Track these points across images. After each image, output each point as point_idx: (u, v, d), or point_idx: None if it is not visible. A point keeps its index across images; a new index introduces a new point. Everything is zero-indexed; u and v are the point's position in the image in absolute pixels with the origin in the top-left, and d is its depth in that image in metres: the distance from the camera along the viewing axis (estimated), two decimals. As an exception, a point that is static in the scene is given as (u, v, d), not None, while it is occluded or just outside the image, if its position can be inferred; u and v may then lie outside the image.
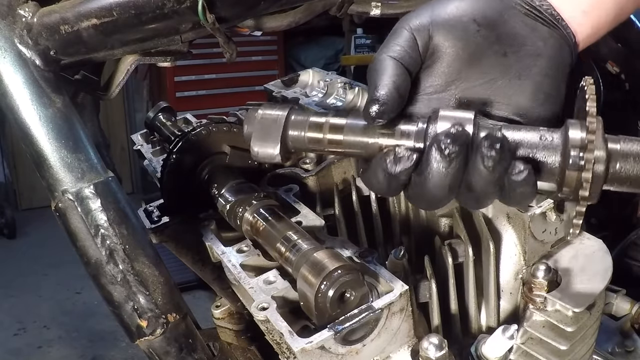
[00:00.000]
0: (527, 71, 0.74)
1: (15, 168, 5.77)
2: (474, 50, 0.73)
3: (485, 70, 0.74)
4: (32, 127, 0.76)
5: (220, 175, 1.05)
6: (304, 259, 0.78)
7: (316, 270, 0.74)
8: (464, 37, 0.73)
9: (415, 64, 0.72)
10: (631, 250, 1.41)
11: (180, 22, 0.74)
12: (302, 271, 0.76)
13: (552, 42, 0.75)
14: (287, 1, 0.84)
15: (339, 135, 0.71)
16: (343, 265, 0.74)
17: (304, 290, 0.75)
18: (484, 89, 0.74)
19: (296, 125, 0.72)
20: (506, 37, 0.74)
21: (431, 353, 0.78)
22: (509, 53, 0.74)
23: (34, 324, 4.08)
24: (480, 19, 0.72)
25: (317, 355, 0.73)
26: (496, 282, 0.94)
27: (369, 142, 0.69)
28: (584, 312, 0.89)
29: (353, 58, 6.26)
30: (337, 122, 0.71)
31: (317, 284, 0.73)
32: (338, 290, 0.73)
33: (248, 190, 1.00)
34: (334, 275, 0.73)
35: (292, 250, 0.82)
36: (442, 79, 0.74)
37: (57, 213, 0.77)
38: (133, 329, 0.77)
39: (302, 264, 0.77)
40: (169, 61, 0.88)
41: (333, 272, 0.73)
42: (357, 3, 0.96)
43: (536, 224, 0.92)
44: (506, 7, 0.74)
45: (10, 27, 0.77)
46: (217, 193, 1.02)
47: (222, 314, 1.33)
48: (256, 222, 0.91)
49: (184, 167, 1.06)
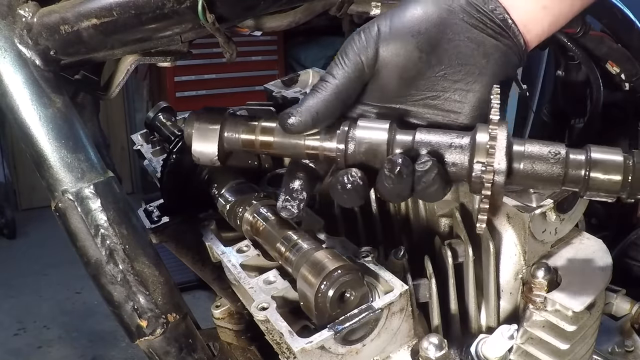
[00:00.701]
0: (468, 87, 0.78)
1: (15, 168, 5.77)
2: (415, 73, 0.78)
3: (425, 88, 0.79)
4: (32, 127, 0.76)
5: (220, 175, 1.04)
6: (304, 259, 0.78)
7: (316, 270, 0.74)
8: (406, 61, 0.77)
9: (354, 83, 0.77)
10: (631, 250, 1.41)
11: (180, 22, 0.74)
12: (302, 271, 0.76)
13: (497, 55, 0.78)
14: (287, 1, 0.84)
15: (269, 137, 0.79)
16: (343, 265, 0.74)
17: (304, 290, 0.75)
18: (425, 103, 0.79)
19: (231, 128, 0.80)
20: (448, 60, 0.77)
21: (431, 353, 0.78)
22: (448, 74, 0.78)
23: (34, 324, 4.08)
24: (423, 43, 0.76)
25: (317, 355, 0.73)
26: (496, 282, 0.94)
27: (296, 143, 0.77)
28: (584, 312, 0.89)
29: (353, 58, 6.24)
30: (268, 125, 0.79)
31: (317, 284, 0.73)
32: (338, 290, 0.73)
33: (248, 190, 0.99)
34: (334, 275, 0.73)
35: (292, 250, 0.82)
36: (383, 93, 0.79)
37: (57, 213, 0.77)
38: (133, 329, 0.77)
39: (302, 264, 0.77)
40: (169, 61, 0.88)
41: (333, 272, 0.73)
42: (357, 3, 0.96)
43: (536, 224, 0.92)
44: (452, 21, 0.76)
45: (10, 27, 0.77)
46: (217, 193, 1.01)
47: (222, 314, 1.33)
48: (256, 222, 0.91)
49: (184, 167, 1.06)
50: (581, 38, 1.21)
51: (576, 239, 1.01)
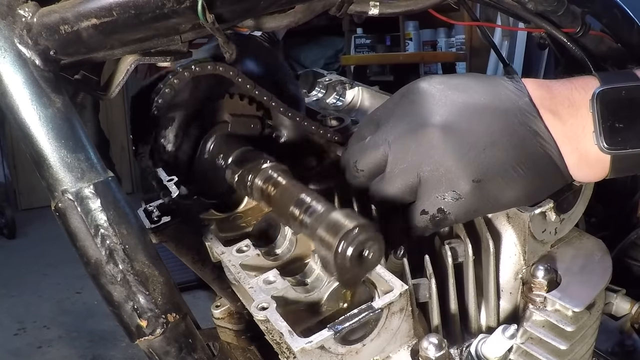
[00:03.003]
0: None
1: (15, 168, 5.77)
2: None
3: None
4: (32, 127, 0.76)
5: (224, 145, 1.01)
6: (319, 221, 0.77)
7: (333, 230, 0.73)
8: None
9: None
10: (631, 250, 1.41)
11: (180, 22, 0.74)
12: (319, 233, 0.75)
13: None
14: (287, 1, 0.84)
15: None
16: (360, 224, 0.73)
17: (323, 252, 0.75)
18: None
19: None
20: None
21: (431, 353, 0.78)
22: None
23: (34, 324, 4.08)
24: None
25: (317, 355, 0.73)
26: (496, 281, 0.94)
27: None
28: (584, 311, 0.89)
29: (353, 58, 6.26)
30: None
31: (335, 245, 0.72)
32: (357, 249, 0.72)
33: (255, 157, 0.96)
34: (352, 235, 0.72)
35: (306, 213, 0.80)
36: None
37: (56, 213, 0.77)
38: (133, 328, 0.77)
39: (318, 226, 0.76)
40: (169, 61, 0.88)
41: (350, 231, 0.72)
42: (355, 2, 0.96)
43: (536, 224, 0.92)
44: None
45: (10, 27, 0.77)
46: (223, 164, 0.98)
47: (222, 314, 1.33)
48: (267, 188, 0.88)
49: None
50: (581, 38, 1.20)
51: (576, 239, 1.01)
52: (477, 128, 0.79)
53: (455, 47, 6.33)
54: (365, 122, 0.92)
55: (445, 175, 0.79)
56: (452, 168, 0.79)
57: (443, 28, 6.36)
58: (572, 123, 0.80)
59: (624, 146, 0.78)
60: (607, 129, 0.78)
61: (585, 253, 0.99)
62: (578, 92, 0.82)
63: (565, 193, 0.92)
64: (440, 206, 0.80)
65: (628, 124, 0.79)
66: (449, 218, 0.81)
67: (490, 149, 0.78)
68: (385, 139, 0.84)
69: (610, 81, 0.81)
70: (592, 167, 0.82)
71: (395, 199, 0.84)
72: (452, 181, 0.79)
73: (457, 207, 0.80)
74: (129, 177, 6.06)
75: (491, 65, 5.03)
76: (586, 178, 0.85)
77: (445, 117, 0.80)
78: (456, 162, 0.78)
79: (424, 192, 0.81)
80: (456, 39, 6.32)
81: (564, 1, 1.10)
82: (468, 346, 0.87)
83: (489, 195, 0.79)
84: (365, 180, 0.87)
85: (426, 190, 0.81)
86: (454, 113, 0.80)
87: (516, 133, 0.79)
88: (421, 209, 0.82)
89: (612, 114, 0.79)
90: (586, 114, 0.80)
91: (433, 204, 0.80)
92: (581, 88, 0.82)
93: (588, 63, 1.21)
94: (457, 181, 0.79)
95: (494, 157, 0.78)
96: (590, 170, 0.82)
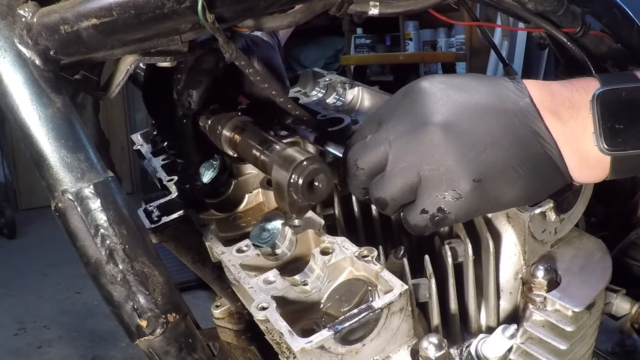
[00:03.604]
0: None
1: (15, 168, 5.78)
2: None
3: None
4: (32, 127, 0.76)
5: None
6: (275, 157, 0.83)
7: (286, 163, 0.79)
8: None
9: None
10: (631, 250, 1.41)
11: (180, 22, 0.74)
12: (275, 167, 0.81)
13: None
14: (287, 1, 0.84)
15: None
16: (310, 157, 0.79)
17: (278, 185, 0.80)
18: None
19: None
20: None
21: (431, 353, 0.78)
22: None
23: (34, 324, 4.08)
24: None
25: (316, 355, 0.73)
26: (496, 281, 0.94)
27: None
28: (584, 311, 0.89)
29: (353, 58, 6.27)
30: None
31: (288, 176, 0.77)
32: (307, 178, 0.78)
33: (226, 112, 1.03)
34: (302, 165, 0.77)
35: (265, 152, 0.87)
36: None
37: (56, 213, 0.76)
38: (133, 328, 0.77)
39: (274, 162, 0.82)
40: (169, 61, 0.88)
41: (301, 162, 0.78)
42: (355, 2, 0.96)
43: (536, 224, 0.92)
44: None
45: (10, 27, 0.77)
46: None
47: (222, 314, 1.33)
48: (233, 136, 0.96)
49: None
50: (581, 38, 1.20)
51: (576, 239, 1.01)
52: (478, 128, 0.79)
53: (455, 47, 6.33)
54: (367, 121, 0.92)
55: (446, 174, 0.79)
56: (452, 167, 0.78)
57: (443, 28, 6.37)
58: (572, 124, 0.80)
59: (624, 147, 0.78)
60: (607, 130, 0.78)
61: (585, 253, 0.99)
62: (579, 93, 0.82)
63: (565, 193, 0.92)
64: (441, 205, 0.80)
65: (628, 125, 0.79)
66: (449, 217, 0.81)
67: (491, 149, 0.78)
68: (386, 138, 0.84)
69: (610, 82, 0.81)
70: (593, 168, 0.82)
71: (395, 197, 0.84)
72: (452, 180, 0.79)
73: (457, 206, 0.80)
74: (129, 177, 6.06)
75: (491, 65, 5.03)
76: (586, 179, 0.85)
77: (447, 116, 0.80)
78: (457, 162, 0.78)
79: (424, 191, 0.81)
80: (456, 39, 6.33)
81: (564, 1, 1.10)
82: (468, 346, 0.87)
83: (489, 195, 0.79)
84: (365, 178, 0.87)
85: (426, 189, 0.81)
86: (455, 112, 0.80)
87: (517, 133, 0.79)
88: (421, 208, 0.82)
89: (613, 115, 0.79)
90: (586, 115, 0.80)
91: (433, 203, 0.80)
92: (582, 89, 0.82)
93: (588, 63, 1.21)
94: (458, 180, 0.78)
95: (494, 157, 0.78)
96: (591, 171, 0.82)
